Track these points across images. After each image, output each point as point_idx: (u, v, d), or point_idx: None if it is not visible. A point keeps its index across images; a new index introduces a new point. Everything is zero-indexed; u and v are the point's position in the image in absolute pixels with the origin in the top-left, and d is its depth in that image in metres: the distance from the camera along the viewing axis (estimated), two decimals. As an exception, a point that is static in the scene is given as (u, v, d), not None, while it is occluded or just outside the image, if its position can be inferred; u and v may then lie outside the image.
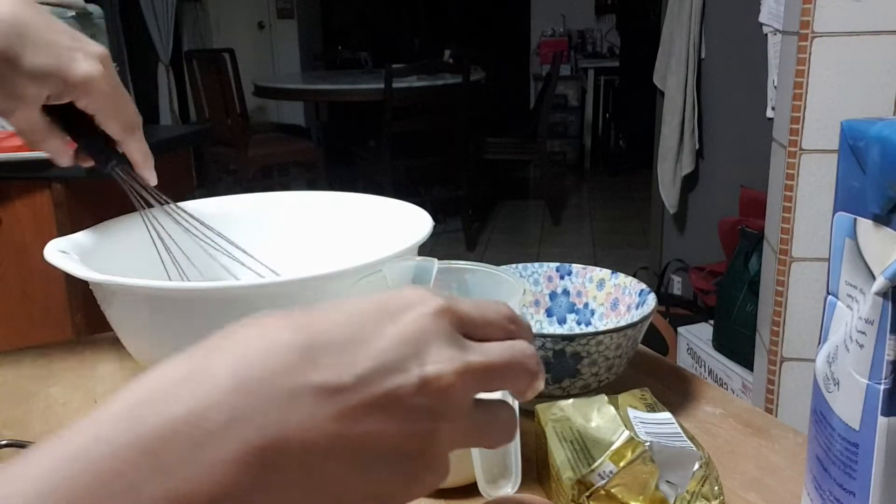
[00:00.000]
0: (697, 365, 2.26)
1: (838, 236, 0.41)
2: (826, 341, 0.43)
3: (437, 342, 0.28)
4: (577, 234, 4.40)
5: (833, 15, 1.31)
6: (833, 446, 0.41)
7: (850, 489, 0.40)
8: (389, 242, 0.60)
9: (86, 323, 1.37)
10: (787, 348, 1.47)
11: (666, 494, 0.44)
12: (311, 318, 0.27)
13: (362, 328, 0.27)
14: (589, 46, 6.14)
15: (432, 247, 3.66)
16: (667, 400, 0.62)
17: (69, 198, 1.34)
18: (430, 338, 0.28)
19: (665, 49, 2.76)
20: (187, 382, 0.25)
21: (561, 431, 0.50)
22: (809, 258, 1.41)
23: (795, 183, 1.39)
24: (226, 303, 0.55)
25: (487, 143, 4.41)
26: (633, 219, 4.57)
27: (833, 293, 0.43)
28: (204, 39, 5.61)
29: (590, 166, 6.10)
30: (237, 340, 0.27)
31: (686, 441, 0.47)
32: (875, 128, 0.38)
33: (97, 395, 0.67)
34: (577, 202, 5.18)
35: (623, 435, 0.46)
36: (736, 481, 0.53)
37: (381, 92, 3.60)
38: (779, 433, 0.60)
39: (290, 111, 5.83)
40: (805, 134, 1.37)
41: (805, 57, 1.34)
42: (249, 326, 0.28)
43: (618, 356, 0.60)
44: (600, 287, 0.71)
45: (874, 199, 0.38)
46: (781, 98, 1.48)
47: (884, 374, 0.37)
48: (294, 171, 4.81)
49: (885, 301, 0.37)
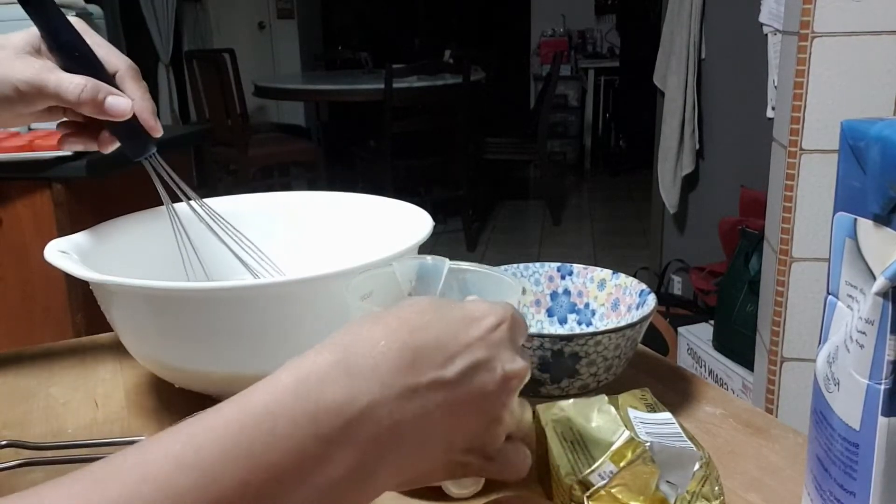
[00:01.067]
0: (698, 365, 2.26)
1: (838, 236, 0.41)
2: (826, 341, 0.43)
3: (509, 346, 0.36)
4: (577, 234, 4.40)
5: (833, 15, 1.31)
6: (833, 446, 0.41)
7: (850, 489, 0.40)
8: (390, 242, 0.60)
9: (86, 323, 1.37)
10: (787, 348, 1.47)
11: (666, 495, 0.44)
12: (418, 321, 0.34)
13: (456, 333, 0.34)
14: (589, 46, 6.14)
15: (432, 247, 3.66)
16: (667, 400, 0.62)
17: (69, 198, 1.34)
18: (506, 342, 0.35)
19: (665, 49, 2.76)
20: (337, 371, 0.31)
21: (561, 431, 0.50)
22: (810, 258, 1.41)
23: (796, 183, 1.39)
24: (226, 303, 0.55)
25: (487, 143, 4.41)
26: (633, 219, 4.57)
27: (833, 293, 0.43)
28: (204, 39, 5.61)
29: (590, 166, 6.10)
30: (369, 338, 0.33)
31: (686, 441, 0.47)
32: (875, 128, 0.38)
33: (97, 395, 0.67)
34: (577, 202, 5.18)
35: (623, 435, 0.45)
36: (736, 481, 0.53)
37: (381, 92, 3.60)
38: (779, 433, 0.60)
39: (290, 111, 5.82)
40: (805, 134, 1.37)
41: (805, 57, 1.34)
42: (375, 325, 0.33)
43: (616, 356, 0.60)
44: (601, 287, 0.71)
45: (874, 199, 0.38)
46: (781, 98, 1.48)
47: (884, 374, 0.37)
48: (294, 171, 4.81)
49: (886, 301, 0.37)
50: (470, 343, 0.34)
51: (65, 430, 0.62)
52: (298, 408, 0.29)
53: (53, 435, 0.61)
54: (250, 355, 0.58)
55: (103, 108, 0.56)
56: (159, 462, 0.27)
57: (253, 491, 0.27)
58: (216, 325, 0.56)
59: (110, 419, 0.64)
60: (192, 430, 0.28)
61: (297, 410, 0.29)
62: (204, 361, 0.58)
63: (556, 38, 6.04)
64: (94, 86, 0.55)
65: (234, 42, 5.28)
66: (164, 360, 0.60)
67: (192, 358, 0.59)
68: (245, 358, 0.58)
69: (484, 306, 0.36)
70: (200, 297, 0.55)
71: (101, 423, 0.63)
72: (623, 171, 5.75)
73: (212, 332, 0.56)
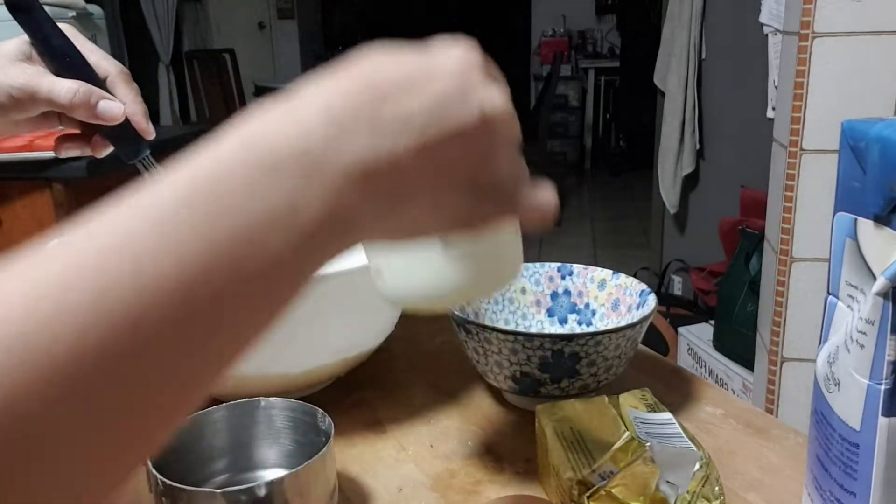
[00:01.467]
0: (698, 365, 2.26)
1: (839, 236, 0.41)
2: (826, 341, 0.43)
3: (482, 77, 0.31)
4: (577, 235, 4.40)
5: (833, 15, 1.31)
6: (833, 446, 0.41)
7: (850, 489, 0.40)
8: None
9: (86, 323, 1.37)
10: (787, 348, 1.47)
11: (666, 495, 0.44)
12: (370, 66, 0.30)
13: (415, 66, 0.30)
14: (589, 46, 6.14)
15: (433, 247, 3.65)
16: (667, 400, 0.62)
17: (69, 198, 1.34)
18: (477, 72, 0.31)
19: (665, 49, 2.76)
20: (287, 117, 0.28)
21: (561, 432, 0.50)
22: (810, 258, 1.41)
23: (796, 183, 1.39)
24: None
25: (488, 143, 4.40)
26: (633, 219, 4.56)
27: (833, 293, 0.43)
28: (204, 40, 5.61)
29: (590, 166, 6.10)
30: (323, 85, 0.29)
31: (686, 441, 0.47)
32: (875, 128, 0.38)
33: (97, 395, 0.67)
34: (577, 202, 5.18)
35: (624, 435, 0.45)
36: (736, 481, 0.53)
37: (381, 92, 3.60)
38: (779, 433, 0.60)
39: (290, 111, 5.82)
40: (805, 134, 1.37)
41: (805, 57, 1.34)
42: (328, 77, 0.30)
43: (616, 356, 0.60)
44: (601, 287, 0.71)
45: (874, 200, 0.38)
46: (782, 98, 1.48)
47: (884, 374, 0.37)
48: (294, 172, 4.80)
49: (886, 301, 0.37)
50: (435, 74, 0.30)
51: (65, 431, 0.61)
52: (252, 161, 0.26)
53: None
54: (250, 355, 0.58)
55: (95, 111, 0.56)
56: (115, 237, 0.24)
57: (226, 250, 0.25)
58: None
59: (110, 419, 0.64)
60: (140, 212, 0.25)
61: (250, 165, 0.26)
62: (204, 361, 0.58)
63: (556, 38, 6.04)
64: (86, 90, 0.56)
65: (234, 42, 5.28)
66: (164, 361, 0.60)
67: (192, 358, 0.59)
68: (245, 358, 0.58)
69: (445, 42, 0.32)
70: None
71: (102, 424, 0.63)
72: (623, 171, 5.75)
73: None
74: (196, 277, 0.24)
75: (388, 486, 0.54)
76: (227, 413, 0.53)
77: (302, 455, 0.51)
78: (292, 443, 0.53)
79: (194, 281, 0.24)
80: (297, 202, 0.26)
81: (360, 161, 0.27)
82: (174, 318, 0.24)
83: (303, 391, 0.64)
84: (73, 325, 0.22)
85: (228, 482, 0.52)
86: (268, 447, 0.54)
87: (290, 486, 0.45)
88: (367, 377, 0.70)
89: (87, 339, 0.22)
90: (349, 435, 0.61)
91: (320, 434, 0.50)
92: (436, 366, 0.74)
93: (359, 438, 0.61)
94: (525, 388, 0.60)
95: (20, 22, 0.56)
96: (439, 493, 0.53)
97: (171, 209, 0.25)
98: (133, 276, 0.23)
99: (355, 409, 0.65)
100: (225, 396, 0.59)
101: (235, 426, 0.53)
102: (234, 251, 0.25)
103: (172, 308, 0.24)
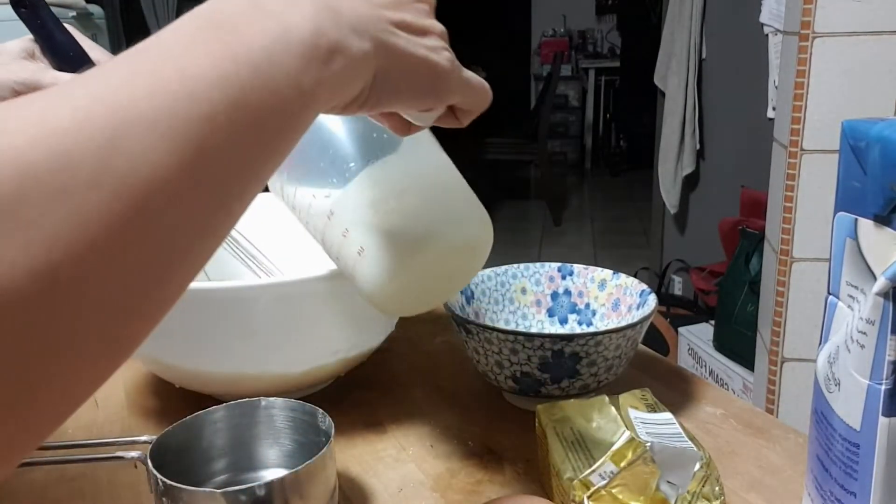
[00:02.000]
0: (698, 365, 2.26)
1: (839, 236, 0.41)
2: (827, 342, 0.43)
3: None
4: (577, 235, 4.40)
5: (833, 15, 1.31)
6: (834, 446, 0.41)
7: (850, 489, 0.40)
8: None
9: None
10: (787, 348, 1.47)
11: (667, 495, 0.44)
12: None
13: None
14: (590, 46, 6.14)
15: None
16: (667, 400, 0.62)
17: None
18: None
19: (666, 49, 2.76)
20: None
21: (562, 432, 0.50)
22: (810, 258, 1.41)
23: (796, 183, 1.39)
24: (226, 303, 0.55)
25: (488, 143, 4.41)
26: (633, 219, 4.56)
27: (834, 293, 0.43)
28: (204, 40, 5.61)
29: (590, 166, 6.10)
30: None
31: (687, 441, 0.47)
32: (876, 128, 0.38)
33: (97, 395, 0.67)
34: (577, 202, 5.18)
35: (624, 435, 0.45)
36: (737, 482, 0.53)
37: (381, 92, 3.60)
38: (779, 433, 0.60)
39: (290, 111, 5.82)
40: (806, 134, 1.37)
41: (806, 57, 1.34)
42: None
43: (617, 357, 0.60)
44: (602, 287, 0.71)
45: (875, 200, 0.38)
46: (782, 98, 1.48)
47: (885, 374, 0.37)
48: (294, 172, 4.80)
49: (886, 301, 0.37)
50: None
51: (65, 430, 0.61)
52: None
53: (53, 435, 0.61)
54: (250, 355, 0.58)
55: None
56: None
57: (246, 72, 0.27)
58: (216, 325, 0.56)
59: (110, 419, 0.64)
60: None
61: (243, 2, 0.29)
62: (204, 361, 0.58)
63: (556, 38, 6.04)
64: None
65: (234, 42, 5.27)
66: (164, 360, 0.60)
67: (192, 358, 0.59)
68: (245, 358, 0.58)
69: None
70: (200, 297, 0.55)
71: (101, 424, 0.63)
72: (623, 171, 5.75)
73: (212, 332, 0.57)
74: (237, 98, 0.27)
75: (388, 486, 0.54)
76: (227, 413, 0.53)
77: (302, 455, 0.51)
78: (292, 443, 0.53)
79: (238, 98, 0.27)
80: (287, 23, 0.29)
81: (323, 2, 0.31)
82: (243, 122, 0.27)
83: (303, 391, 0.64)
84: (200, 108, 0.25)
85: (228, 482, 0.52)
86: (268, 447, 0.54)
87: (290, 486, 0.45)
88: (367, 377, 0.70)
89: (216, 122, 0.25)
90: (349, 435, 0.61)
91: (320, 434, 0.50)
92: (436, 366, 0.74)
93: (359, 438, 0.61)
94: (525, 388, 0.60)
95: (23, 17, 0.56)
96: (439, 493, 0.53)
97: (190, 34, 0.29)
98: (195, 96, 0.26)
99: (355, 409, 0.65)
100: (225, 396, 0.59)
101: (235, 426, 0.53)
102: (256, 74, 0.27)
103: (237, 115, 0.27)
